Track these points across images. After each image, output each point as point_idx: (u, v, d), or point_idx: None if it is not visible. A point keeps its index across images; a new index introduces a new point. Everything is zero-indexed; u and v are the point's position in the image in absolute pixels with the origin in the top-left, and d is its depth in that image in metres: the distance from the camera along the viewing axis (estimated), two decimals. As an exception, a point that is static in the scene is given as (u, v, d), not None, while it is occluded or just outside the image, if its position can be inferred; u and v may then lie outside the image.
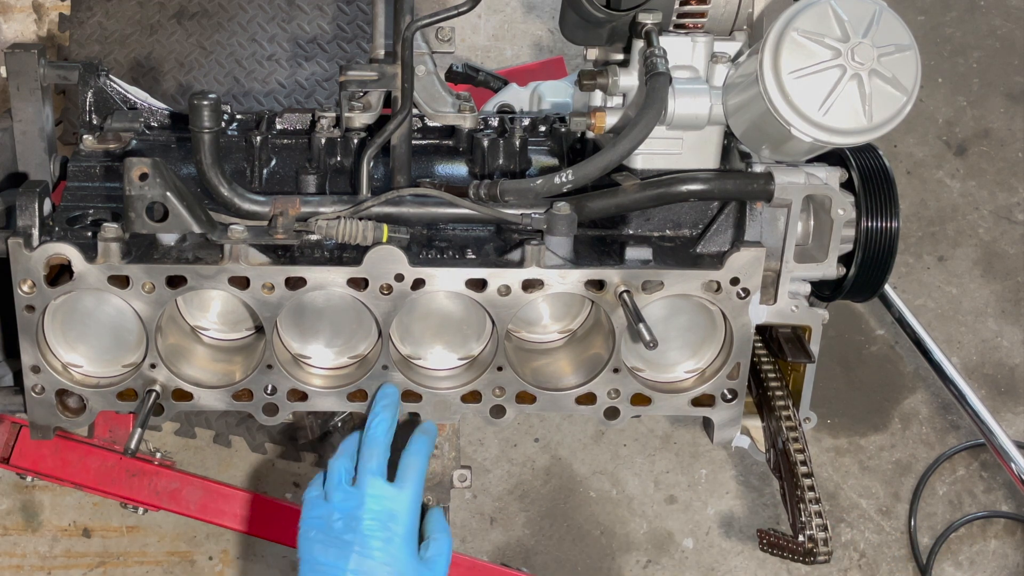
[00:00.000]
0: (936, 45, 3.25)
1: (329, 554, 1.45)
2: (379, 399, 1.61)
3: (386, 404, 1.60)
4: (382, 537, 1.46)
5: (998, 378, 3.03)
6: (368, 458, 1.53)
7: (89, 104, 1.86)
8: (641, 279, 1.58)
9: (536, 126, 1.86)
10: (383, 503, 1.49)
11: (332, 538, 1.46)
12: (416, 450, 1.58)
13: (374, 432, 1.56)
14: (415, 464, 1.56)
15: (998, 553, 2.93)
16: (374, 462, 1.53)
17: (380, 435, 1.56)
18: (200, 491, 2.69)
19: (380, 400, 1.61)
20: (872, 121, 1.44)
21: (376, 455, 1.53)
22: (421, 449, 1.59)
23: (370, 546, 1.45)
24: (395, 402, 1.61)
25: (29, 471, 2.66)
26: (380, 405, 1.59)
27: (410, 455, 1.57)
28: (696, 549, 2.91)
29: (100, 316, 1.64)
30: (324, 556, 1.45)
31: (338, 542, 1.46)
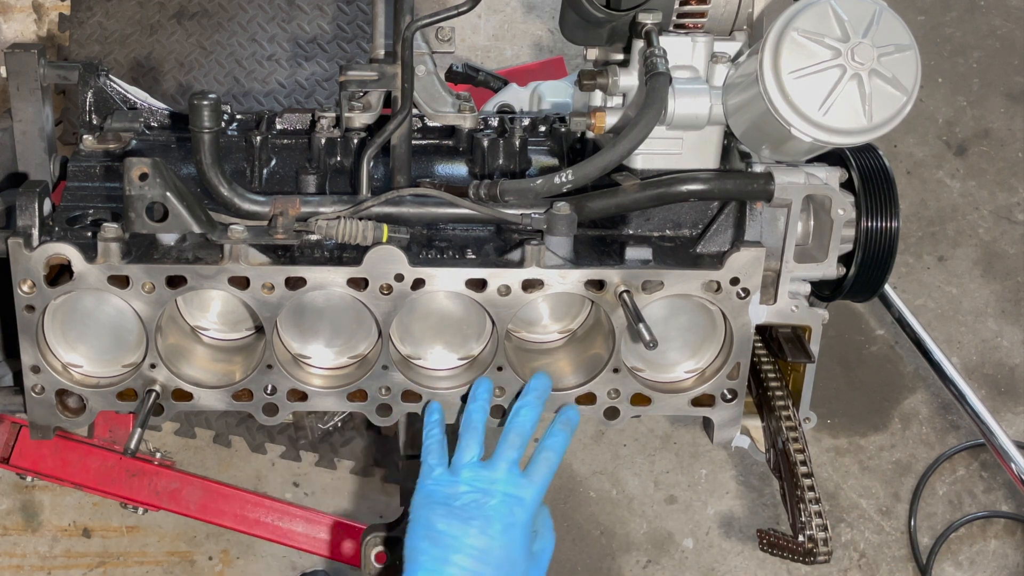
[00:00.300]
0: (936, 45, 3.25)
1: (450, 525, 1.46)
2: (532, 389, 1.60)
3: (538, 395, 1.59)
4: (506, 521, 1.47)
5: (998, 378, 3.03)
6: (509, 446, 1.53)
7: (89, 104, 1.86)
8: (641, 279, 1.58)
9: (536, 126, 1.86)
10: (514, 490, 1.50)
11: (456, 510, 1.47)
12: (553, 444, 1.57)
13: (522, 422, 1.56)
14: (550, 458, 1.55)
15: (998, 553, 2.93)
16: (515, 451, 1.53)
17: (527, 426, 1.56)
18: (200, 491, 2.69)
19: (532, 391, 1.60)
20: (872, 121, 1.44)
21: (518, 444, 1.54)
22: (558, 444, 1.57)
23: (493, 527, 1.46)
24: (546, 394, 1.60)
25: (29, 471, 2.66)
26: (532, 395, 1.59)
27: (547, 449, 1.56)
28: (696, 549, 2.90)
29: (100, 316, 1.64)
30: (443, 525, 1.46)
31: (462, 515, 1.46)
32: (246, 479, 2.88)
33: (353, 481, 2.87)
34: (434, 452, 1.56)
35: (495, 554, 1.45)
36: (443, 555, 1.44)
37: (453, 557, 1.43)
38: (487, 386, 1.62)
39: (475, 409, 1.59)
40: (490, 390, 1.61)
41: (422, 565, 1.44)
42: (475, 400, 1.60)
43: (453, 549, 1.44)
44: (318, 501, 2.87)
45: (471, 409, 1.59)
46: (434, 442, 1.57)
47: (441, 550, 1.45)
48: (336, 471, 2.87)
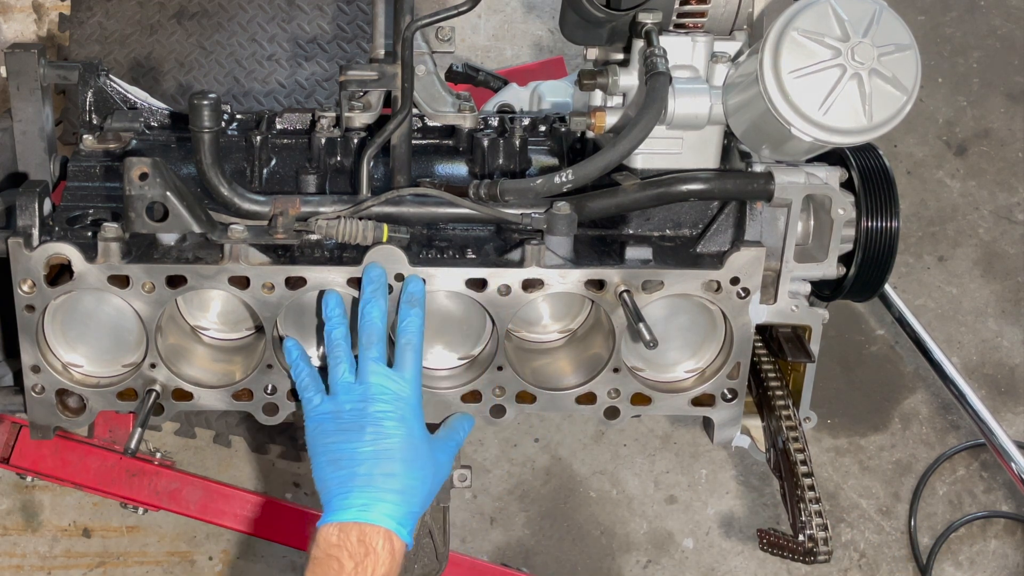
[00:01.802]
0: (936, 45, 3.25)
1: (343, 439, 1.45)
2: (367, 284, 1.54)
3: (375, 288, 1.53)
4: (395, 417, 1.46)
5: (998, 378, 3.03)
6: (367, 346, 1.50)
7: (89, 104, 1.86)
8: (641, 279, 1.58)
9: (536, 126, 1.86)
10: (389, 388, 1.48)
11: (344, 425, 1.46)
12: (407, 327, 1.53)
13: (370, 318, 1.51)
14: (411, 342, 1.52)
15: (998, 553, 2.93)
16: (374, 350, 1.50)
17: (377, 321, 1.51)
18: (200, 491, 2.69)
19: (368, 285, 1.54)
20: (872, 121, 1.44)
21: (375, 342, 1.50)
22: (413, 325, 1.53)
23: (384, 426, 1.45)
24: (384, 283, 1.54)
25: (29, 471, 2.66)
26: (369, 290, 1.53)
27: (404, 334, 1.52)
28: (696, 549, 2.90)
29: (100, 316, 1.64)
30: (338, 443, 1.45)
31: (351, 427, 1.45)
32: (246, 479, 2.88)
33: (353, 481, 2.87)
34: (309, 386, 1.53)
35: (396, 450, 1.44)
36: (348, 472, 1.44)
37: (357, 469, 1.43)
38: (336, 299, 1.56)
39: (332, 327, 1.54)
40: (340, 303, 1.55)
41: (331, 491, 1.44)
42: (329, 319, 1.55)
43: (356, 462, 1.43)
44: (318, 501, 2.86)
45: (328, 329, 1.54)
46: (304, 376, 1.55)
47: (344, 469, 1.44)
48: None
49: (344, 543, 1.40)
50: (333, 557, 1.39)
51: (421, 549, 1.79)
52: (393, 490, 1.44)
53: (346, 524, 1.41)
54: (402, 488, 1.44)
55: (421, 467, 1.47)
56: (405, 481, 1.45)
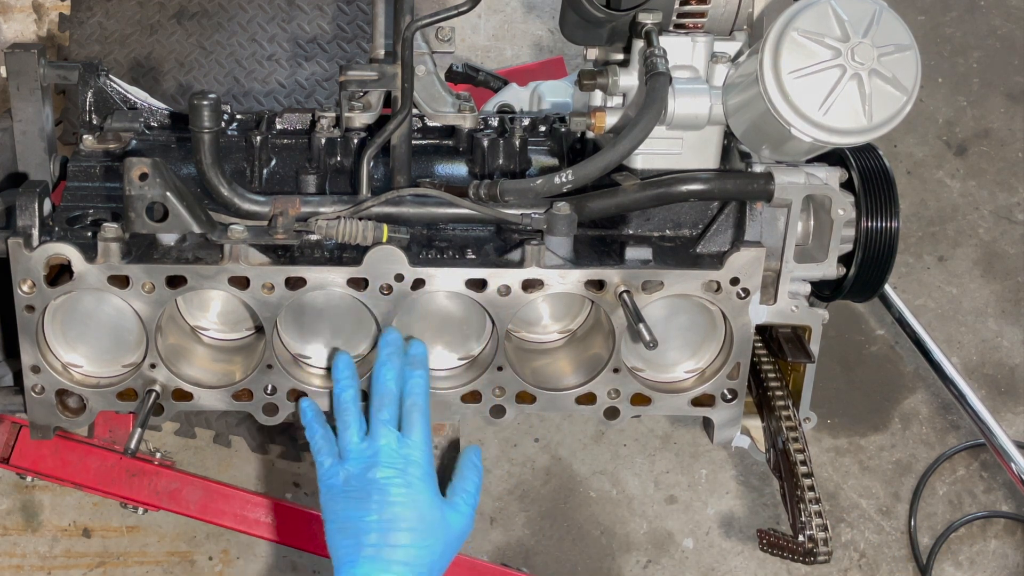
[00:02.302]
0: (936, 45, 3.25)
1: (351, 507, 1.46)
2: (383, 347, 1.57)
3: (391, 352, 1.56)
4: (401, 483, 1.47)
5: (998, 378, 3.03)
6: (379, 408, 1.52)
7: (89, 104, 1.86)
8: (641, 279, 1.59)
9: (536, 126, 1.86)
10: (397, 451, 1.49)
11: (351, 492, 1.47)
12: (413, 389, 1.55)
13: (384, 381, 1.54)
14: (417, 404, 1.53)
15: (998, 553, 2.93)
16: (385, 412, 1.52)
17: (391, 384, 1.54)
18: (200, 491, 2.69)
19: (384, 348, 1.57)
20: (872, 121, 1.45)
21: (387, 405, 1.52)
22: (418, 387, 1.55)
23: (390, 493, 1.45)
24: (400, 348, 1.57)
25: (29, 471, 2.66)
26: (385, 353, 1.56)
27: (410, 396, 1.54)
28: (696, 549, 2.90)
29: (100, 316, 1.64)
30: (346, 511, 1.46)
31: (358, 494, 1.46)
32: (246, 479, 2.87)
33: (353, 481, 2.87)
34: (322, 449, 1.54)
35: (402, 519, 1.45)
36: (355, 542, 1.44)
37: (364, 539, 1.44)
38: (346, 361, 1.59)
39: (340, 390, 1.56)
40: (350, 365, 1.58)
41: (340, 559, 1.45)
42: (338, 382, 1.57)
43: (362, 532, 1.44)
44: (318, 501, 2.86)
45: (336, 392, 1.56)
46: (318, 438, 1.56)
47: (352, 538, 1.45)
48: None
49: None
50: None
51: (421, 549, 1.79)
52: (400, 561, 1.43)
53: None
54: (409, 559, 1.44)
55: (430, 534, 1.47)
56: (412, 551, 1.44)
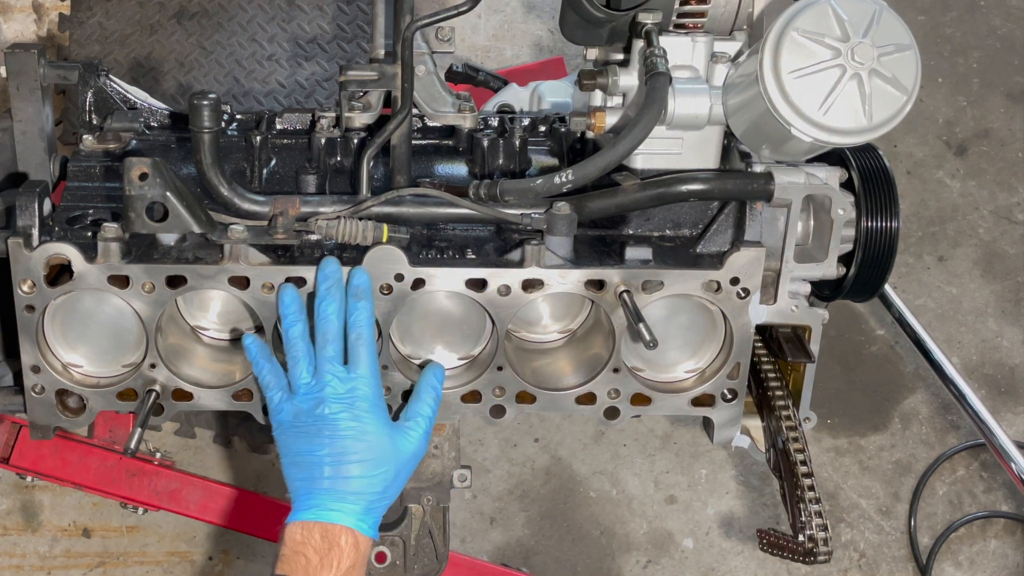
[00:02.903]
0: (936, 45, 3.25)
1: (303, 442, 1.49)
2: (322, 280, 1.53)
3: (330, 285, 1.53)
4: (349, 416, 1.49)
5: (998, 378, 3.03)
6: (322, 345, 1.51)
7: (89, 104, 1.86)
8: (641, 279, 1.58)
9: (536, 126, 1.86)
10: (344, 386, 1.51)
11: (302, 428, 1.49)
12: (357, 320, 1.53)
13: (325, 315, 1.52)
14: (361, 335, 1.52)
15: (998, 553, 2.93)
16: (330, 348, 1.51)
17: (332, 318, 1.52)
18: (200, 491, 2.69)
19: (323, 282, 1.53)
20: (872, 121, 1.45)
21: (331, 341, 1.51)
22: (362, 318, 1.53)
23: (339, 427, 1.48)
24: (340, 280, 1.54)
25: (29, 471, 2.66)
26: (324, 287, 1.53)
27: (354, 327, 1.53)
28: (696, 549, 2.90)
29: (100, 316, 1.64)
30: (298, 445, 1.49)
31: (309, 430, 1.49)
32: (246, 479, 2.88)
33: (353, 481, 2.87)
34: (271, 384, 1.54)
35: (352, 451, 1.48)
36: (309, 475, 1.48)
37: (318, 472, 1.47)
38: (292, 295, 1.54)
39: (288, 325, 1.54)
40: (296, 299, 1.55)
41: (297, 491, 1.49)
42: (285, 317, 1.55)
43: (315, 465, 1.48)
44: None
45: (284, 327, 1.54)
46: (265, 373, 1.55)
47: (306, 471, 1.48)
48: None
49: (308, 540, 1.45)
50: (299, 553, 1.44)
51: (421, 549, 1.79)
52: (352, 491, 1.48)
53: (309, 523, 1.46)
54: (360, 489, 1.48)
55: (381, 462, 1.50)
56: (363, 481, 1.48)
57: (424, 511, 1.78)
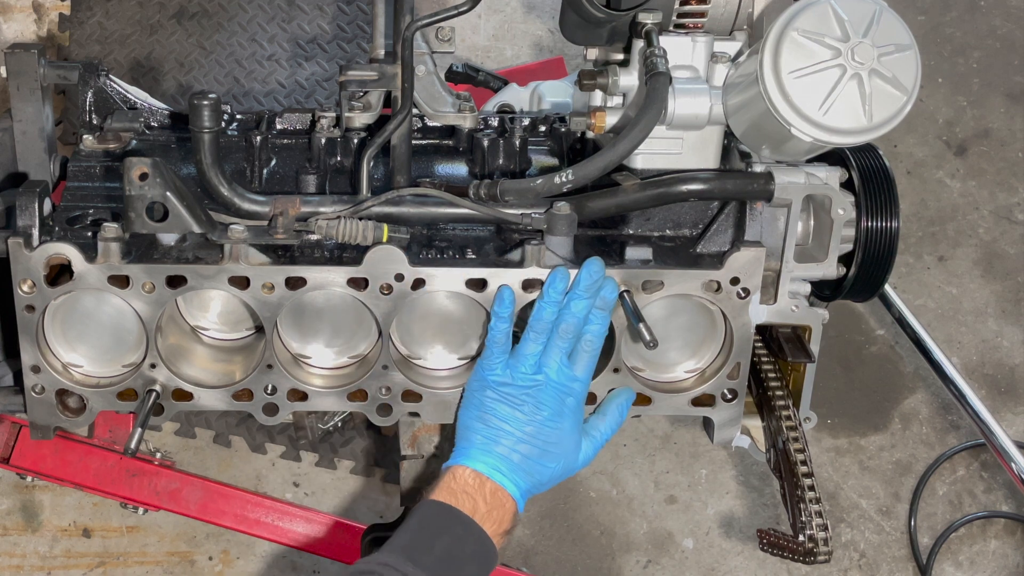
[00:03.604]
0: (936, 45, 3.25)
1: (502, 407, 1.55)
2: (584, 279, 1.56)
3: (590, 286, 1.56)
4: (555, 408, 1.55)
5: (998, 378, 3.03)
6: (563, 337, 1.56)
7: (89, 104, 1.86)
8: (641, 279, 1.59)
9: (536, 126, 1.86)
10: (563, 380, 1.56)
11: (509, 396, 1.55)
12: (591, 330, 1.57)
13: (573, 313, 1.55)
14: (592, 342, 1.57)
15: (998, 553, 2.93)
16: (567, 342, 1.56)
17: (579, 317, 1.56)
18: (200, 491, 2.69)
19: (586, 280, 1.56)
20: (872, 121, 1.45)
21: (570, 336, 1.56)
22: (596, 329, 1.58)
23: (542, 412, 1.55)
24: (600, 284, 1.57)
25: (29, 471, 2.66)
26: (583, 286, 1.56)
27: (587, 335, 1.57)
28: (696, 549, 2.90)
29: (100, 316, 1.64)
30: (496, 407, 1.55)
31: (514, 401, 1.55)
32: (246, 479, 2.87)
33: (353, 481, 2.87)
34: (500, 342, 1.58)
35: (543, 437, 1.54)
36: (494, 434, 1.54)
37: (507, 440, 1.54)
38: (563, 277, 1.57)
39: (547, 304, 1.57)
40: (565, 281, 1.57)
41: (474, 443, 1.55)
42: (547, 297, 1.57)
43: (506, 433, 1.54)
44: (318, 501, 2.87)
45: (542, 305, 1.57)
46: (500, 332, 1.58)
47: (493, 430, 1.55)
48: (336, 471, 2.87)
49: (481, 489, 1.51)
50: (470, 496, 1.50)
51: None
52: (526, 471, 1.55)
53: (482, 475, 1.52)
54: (533, 471, 1.55)
55: (559, 459, 1.56)
56: (540, 467, 1.55)
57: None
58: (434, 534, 1.45)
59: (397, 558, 1.40)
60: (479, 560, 1.47)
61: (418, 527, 1.46)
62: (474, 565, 1.46)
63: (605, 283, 1.57)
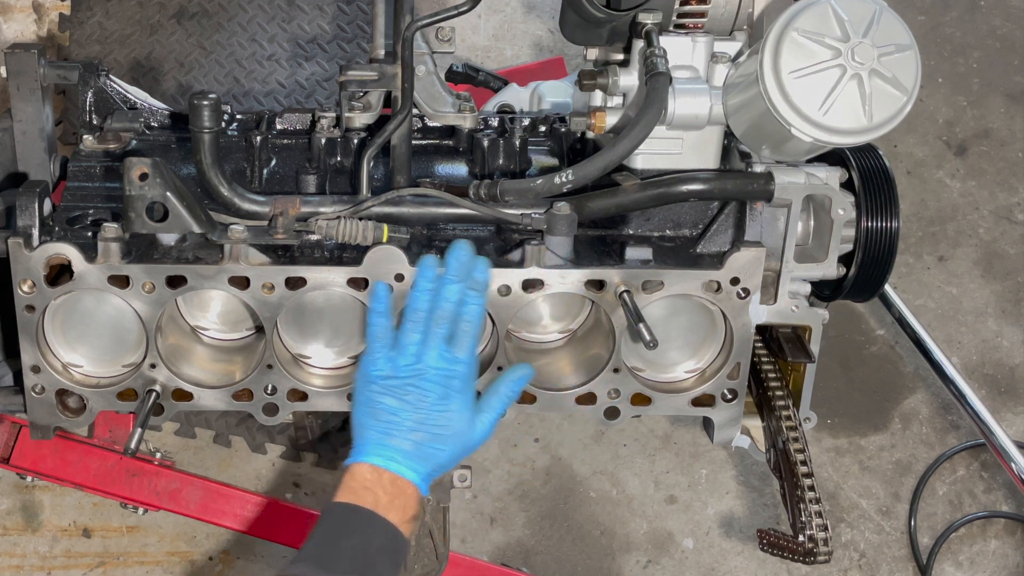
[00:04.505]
0: (936, 45, 3.25)
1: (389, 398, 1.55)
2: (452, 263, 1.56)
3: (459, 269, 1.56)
4: (441, 392, 1.55)
5: (998, 378, 3.03)
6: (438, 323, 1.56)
7: (89, 104, 1.86)
8: (641, 279, 1.59)
9: (536, 126, 1.86)
10: (444, 364, 1.55)
11: (394, 387, 1.55)
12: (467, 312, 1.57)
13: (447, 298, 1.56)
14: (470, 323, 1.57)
15: (998, 553, 2.93)
16: (444, 327, 1.56)
17: (452, 301, 1.56)
18: (200, 491, 2.69)
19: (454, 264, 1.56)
20: (872, 121, 1.45)
21: (446, 321, 1.56)
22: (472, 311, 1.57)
23: (429, 398, 1.54)
24: (469, 267, 1.57)
25: (29, 471, 2.66)
26: (453, 270, 1.56)
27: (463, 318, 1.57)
28: (696, 549, 2.90)
29: (100, 316, 1.64)
30: (384, 400, 1.55)
31: (399, 391, 1.55)
32: (246, 479, 2.87)
33: (353, 481, 2.87)
34: (380, 337, 1.58)
35: (433, 421, 1.54)
36: (386, 427, 1.54)
37: (399, 430, 1.53)
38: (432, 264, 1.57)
39: (418, 293, 1.57)
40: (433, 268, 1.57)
41: (368, 439, 1.55)
42: (419, 287, 1.57)
43: (397, 423, 1.53)
44: (318, 501, 2.87)
45: (414, 294, 1.57)
46: (380, 326, 1.58)
47: (383, 423, 1.54)
48: (336, 471, 2.87)
49: (379, 481, 1.51)
50: (369, 490, 1.50)
51: (421, 549, 1.79)
52: (423, 456, 1.55)
53: (379, 468, 1.52)
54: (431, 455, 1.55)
55: (454, 440, 1.56)
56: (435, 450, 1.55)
57: (424, 511, 1.78)
58: (340, 536, 1.47)
59: (307, 567, 1.42)
60: (389, 551, 1.49)
61: (324, 532, 1.47)
62: (385, 557, 1.48)
63: (475, 264, 1.57)
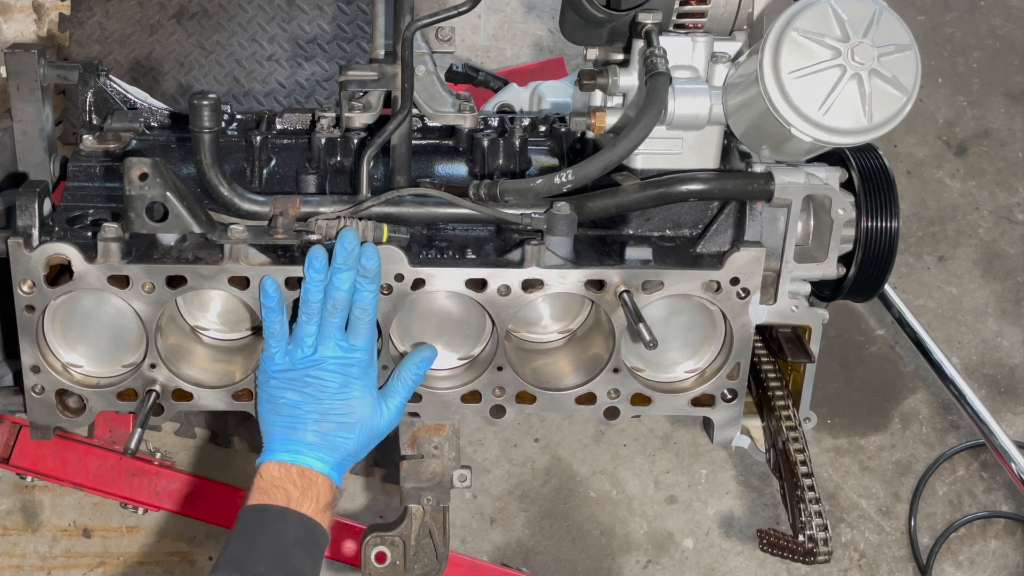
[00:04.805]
0: (936, 45, 3.25)
1: (291, 393, 1.57)
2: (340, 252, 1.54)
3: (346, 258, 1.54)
4: (341, 381, 1.57)
5: (998, 378, 3.03)
6: (332, 312, 1.56)
7: (89, 104, 1.86)
8: (641, 279, 1.59)
9: (536, 126, 1.86)
10: (341, 353, 1.57)
11: (293, 381, 1.57)
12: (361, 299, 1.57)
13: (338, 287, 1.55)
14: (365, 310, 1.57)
15: (998, 553, 2.93)
16: (337, 317, 1.56)
17: (344, 290, 1.56)
18: (200, 491, 2.69)
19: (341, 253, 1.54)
20: (872, 121, 1.45)
21: (339, 310, 1.56)
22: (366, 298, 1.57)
23: (329, 389, 1.56)
24: (357, 254, 1.56)
25: (29, 471, 2.66)
26: (341, 259, 1.54)
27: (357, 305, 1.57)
28: (696, 549, 2.90)
29: (100, 316, 1.64)
30: (285, 395, 1.57)
31: (299, 384, 1.57)
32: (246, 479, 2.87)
33: (353, 481, 2.87)
34: (276, 333, 1.58)
35: (336, 410, 1.57)
36: (289, 422, 1.57)
37: (302, 423, 1.56)
38: (319, 255, 1.55)
39: (310, 284, 1.56)
40: (321, 259, 1.56)
41: (275, 436, 1.58)
42: (310, 278, 1.56)
43: (300, 417, 1.56)
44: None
45: (306, 286, 1.56)
46: (274, 322, 1.58)
47: (289, 418, 1.57)
48: (336, 471, 2.87)
49: (287, 477, 1.54)
50: (279, 488, 1.54)
51: (421, 549, 1.79)
52: (330, 445, 1.57)
53: (286, 463, 1.55)
54: (338, 444, 1.58)
55: (359, 428, 1.58)
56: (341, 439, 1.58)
57: (424, 511, 1.78)
58: (254, 537, 1.49)
59: (225, 574, 1.46)
60: (305, 543, 1.51)
61: (239, 537, 1.50)
62: (301, 550, 1.50)
63: (363, 251, 1.56)
